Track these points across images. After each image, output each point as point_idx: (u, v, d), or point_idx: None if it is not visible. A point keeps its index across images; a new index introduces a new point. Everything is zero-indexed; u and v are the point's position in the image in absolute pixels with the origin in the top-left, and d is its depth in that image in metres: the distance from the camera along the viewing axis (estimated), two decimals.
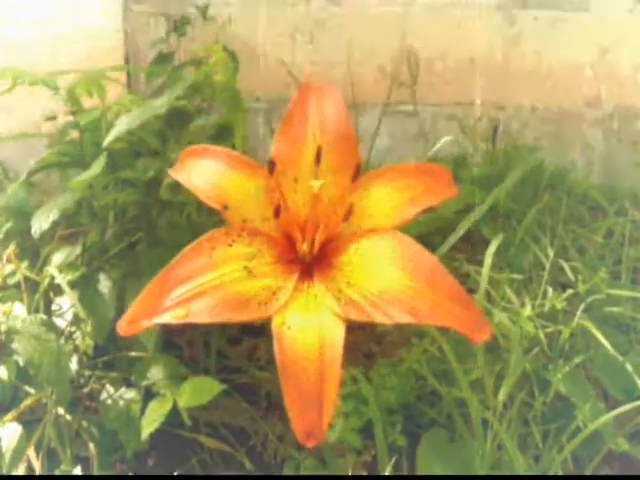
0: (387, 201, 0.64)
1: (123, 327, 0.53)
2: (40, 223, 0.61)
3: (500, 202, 0.94)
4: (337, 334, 0.53)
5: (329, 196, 0.63)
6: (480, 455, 0.66)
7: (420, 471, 0.68)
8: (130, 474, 0.75)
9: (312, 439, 0.49)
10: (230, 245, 0.57)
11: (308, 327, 0.53)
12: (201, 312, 0.53)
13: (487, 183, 1.06)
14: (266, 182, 0.62)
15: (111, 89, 0.81)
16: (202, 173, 0.61)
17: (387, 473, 0.65)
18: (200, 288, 0.54)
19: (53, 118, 0.86)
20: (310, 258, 0.61)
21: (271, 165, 0.61)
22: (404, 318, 0.53)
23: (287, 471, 0.74)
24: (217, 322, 0.54)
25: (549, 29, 1.16)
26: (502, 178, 1.06)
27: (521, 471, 0.65)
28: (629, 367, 0.70)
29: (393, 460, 0.65)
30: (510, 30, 1.17)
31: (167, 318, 0.52)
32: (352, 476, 0.69)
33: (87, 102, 0.79)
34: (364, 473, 0.71)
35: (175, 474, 0.75)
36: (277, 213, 0.60)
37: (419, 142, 1.20)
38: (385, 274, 0.57)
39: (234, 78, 0.65)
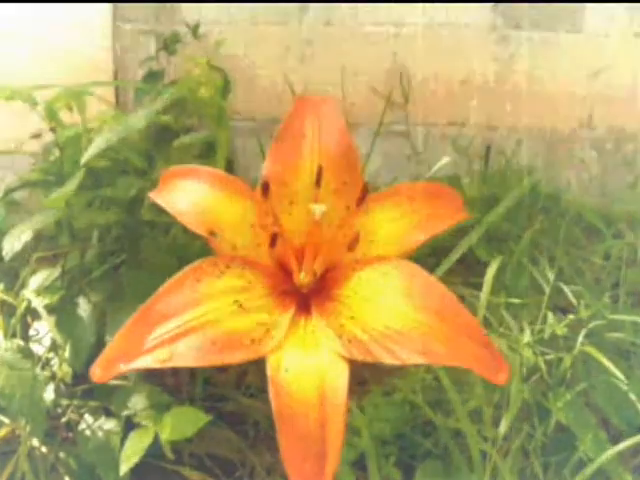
0: (391, 227, 0.58)
1: (97, 373, 0.46)
2: (12, 244, 0.58)
3: (495, 224, 0.92)
4: (340, 376, 0.47)
5: (329, 221, 0.57)
6: None
7: None
8: None
9: None
10: (218, 277, 0.52)
11: (307, 369, 0.48)
12: (187, 354, 0.47)
13: (480, 204, 1.05)
14: (258, 205, 0.57)
15: (99, 108, 0.78)
16: (186, 196, 0.56)
17: None
18: (185, 326, 0.48)
19: (38, 136, 0.84)
20: (308, 289, 0.56)
21: (265, 187, 0.56)
22: (415, 359, 0.48)
23: None
24: (205, 366, 0.49)
25: (542, 50, 1.16)
26: (496, 199, 1.04)
27: None
28: (632, 395, 0.67)
29: None
30: (503, 50, 1.16)
31: (148, 361, 0.46)
32: None
33: (71, 119, 0.77)
34: None
35: None
36: (273, 242, 0.55)
37: (412, 162, 1.19)
38: (393, 308, 0.51)
39: (220, 94, 0.62)
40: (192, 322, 0.48)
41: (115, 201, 0.66)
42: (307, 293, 0.55)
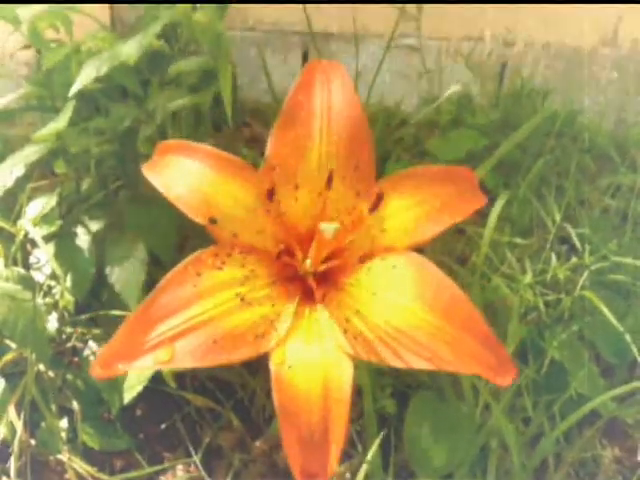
0: (403, 215, 0.55)
1: (97, 371, 0.46)
2: (3, 180, 0.56)
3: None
4: (344, 372, 0.47)
5: (336, 207, 0.54)
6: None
7: (407, 432, 0.67)
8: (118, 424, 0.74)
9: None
10: (220, 268, 0.50)
11: (311, 363, 0.47)
12: (188, 354, 0.46)
13: (491, 129, 1.01)
14: (259, 186, 0.53)
15: (94, 29, 0.73)
16: (183, 178, 0.52)
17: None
18: (187, 324, 0.47)
19: (28, 46, 0.80)
20: (312, 277, 0.53)
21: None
22: (422, 364, 0.47)
23: (275, 428, 0.73)
24: (208, 366, 0.47)
25: None
26: (508, 124, 1.00)
27: (509, 435, 0.64)
28: (627, 336, 0.67)
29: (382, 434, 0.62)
30: None
31: (148, 362, 0.45)
32: None
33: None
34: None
35: (163, 427, 0.75)
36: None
37: (422, 80, 1.13)
38: (400, 305, 0.49)
39: (218, 16, 0.57)
40: (193, 320, 0.47)
41: (109, 131, 0.63)
42: (312, 281, 0.53)
